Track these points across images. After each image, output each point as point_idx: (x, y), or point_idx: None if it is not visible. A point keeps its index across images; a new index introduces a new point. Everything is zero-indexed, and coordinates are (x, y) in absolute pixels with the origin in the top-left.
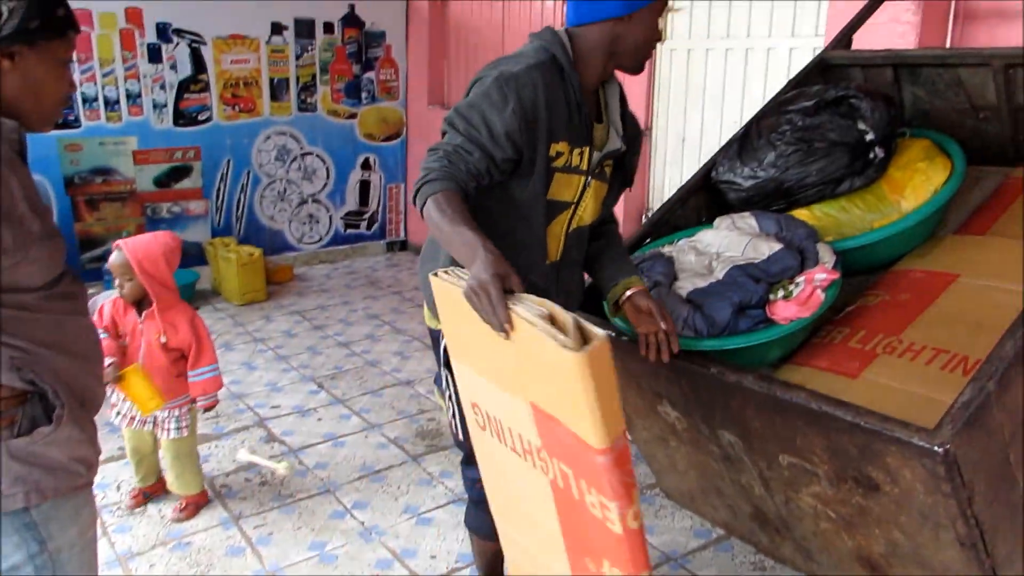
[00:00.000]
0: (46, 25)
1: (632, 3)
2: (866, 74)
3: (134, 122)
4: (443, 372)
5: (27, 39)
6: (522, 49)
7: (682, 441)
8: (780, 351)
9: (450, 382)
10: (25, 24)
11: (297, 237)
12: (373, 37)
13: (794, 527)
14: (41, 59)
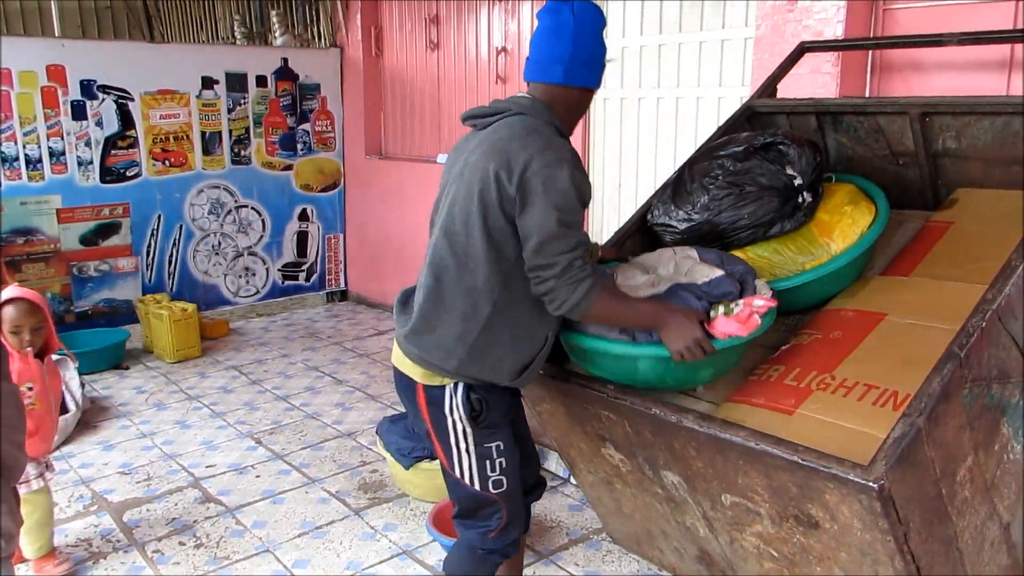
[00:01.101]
0: None
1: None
2: (791, 121)
3: (57, 180)
4: (464, 427)
5: None
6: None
7: (627, 483)
8: (712, 370)
9: (468, 435)
10: None
11: (233, 291)
12: (308, 89)
13: (739, 568)
14: None
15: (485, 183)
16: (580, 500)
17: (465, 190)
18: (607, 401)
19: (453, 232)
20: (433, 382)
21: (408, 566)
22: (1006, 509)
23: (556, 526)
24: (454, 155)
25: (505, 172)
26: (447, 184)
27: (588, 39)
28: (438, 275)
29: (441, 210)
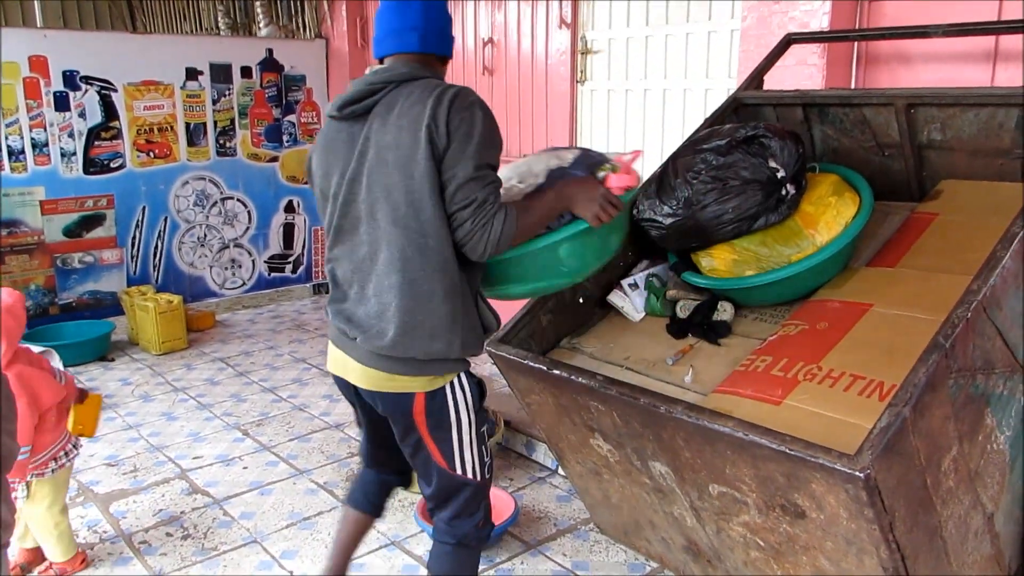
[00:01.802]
0: None
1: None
2: (778, 113)
3: (41, 172)
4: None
5: None
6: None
7: (615, 474)
8: (621, 235)
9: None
10: None
11: (219, 283)
12: (293, 80)
13: (726, 557)
14: None
15: (416, 152)
16: (568, 491)
17: (398, 172)
18: (596, 392)
19: (403, 218)
20: (435, 386)
21: (396, 556)
22: (990, 499)
23: (544, 516)
24: (335, 149)
25: (433, 127)
26: (355, 179)
27: (434, 10)
28: (404, 268)
29: (372, 207)
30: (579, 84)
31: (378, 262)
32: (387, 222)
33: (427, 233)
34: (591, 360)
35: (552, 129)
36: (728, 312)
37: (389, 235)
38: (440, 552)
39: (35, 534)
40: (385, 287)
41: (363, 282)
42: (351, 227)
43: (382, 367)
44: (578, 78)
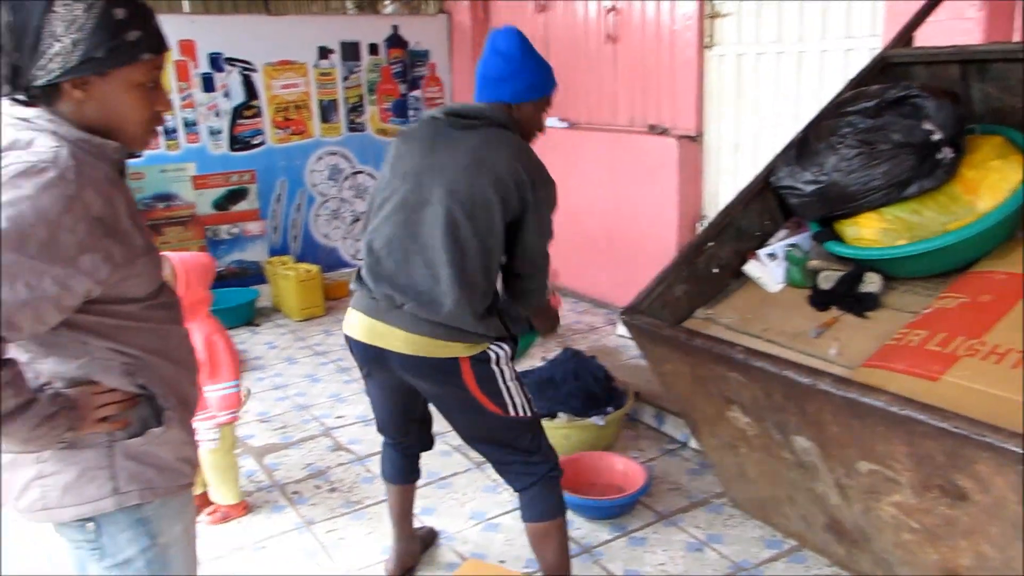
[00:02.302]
0: (114, 53)
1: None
2: (930, 72)
3: (192, 149)
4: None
5: (95, 69)
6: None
7: (753, 448)
8: None
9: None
10: (90, 54)
11: (351, 254)
12: (417, 56)
13: (873, 539)
14: (115, 86)
15: (502, 186)
16: (700, 464)
17: (487, 184)
18: (735, 362)
19: (472, 219)
20: (477, 350)
21: None
22: None
23: (676, 489)
24: (433, 144)
25: (526, 179)
26: (443, 167)
27: (527, 68)
28: (460, 257)
29: (447, 191)
30: (706, 49)
31: (436, 243)
32: (462, 209)
33: (491, 245)
34: (727, 331)
35: (677, 98)
36: (876, 284)
37: (460, 223)
38: (531, 496)
39: (212, 478)
40: (440, 264)
41: (415, 256)
42: (417, 203)
43: (428, 332)
44: (705, 43)
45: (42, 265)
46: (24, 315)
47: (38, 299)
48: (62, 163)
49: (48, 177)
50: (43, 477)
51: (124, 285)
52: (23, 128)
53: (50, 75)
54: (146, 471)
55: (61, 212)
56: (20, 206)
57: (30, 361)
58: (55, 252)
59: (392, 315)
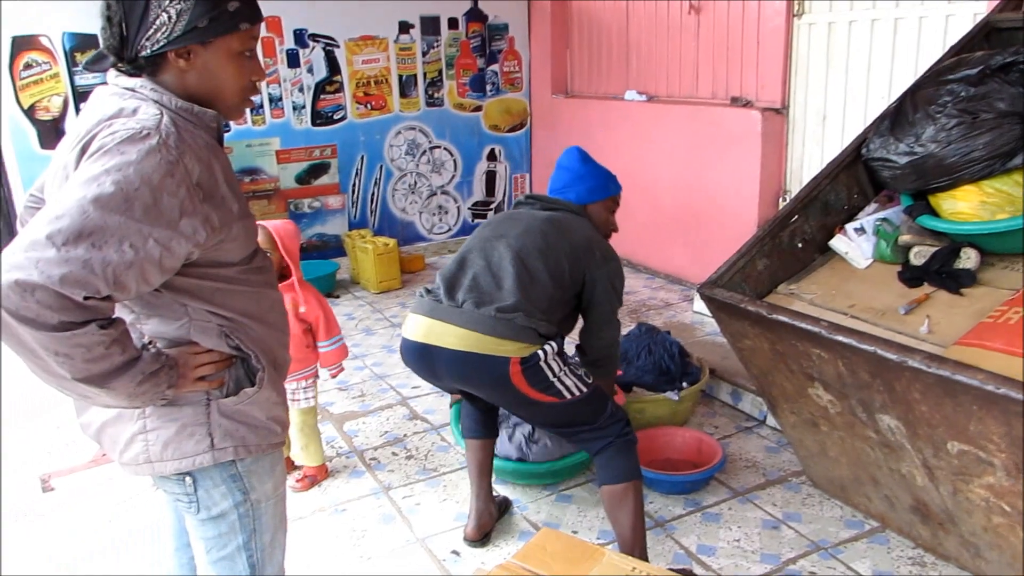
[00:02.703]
0: (216, 22)
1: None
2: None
3: (276, 124)
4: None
5: (198, 38)
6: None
7: (835, 426)
8: None
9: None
10: (194, 24)
11: (427, 228)
12: (496, 30)
13: (961, 521)
14: (216, 55)
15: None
16: (777, 442)
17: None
18: (819, 338)
19: (545, 256)
20: (527, 352)
21: None
22: None
23: (752, 466)
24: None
25: (586, 252)
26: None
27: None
28: (529, 268)
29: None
30: (795, 18)
31: (511, 257)
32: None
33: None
34: (810, 307)
35: (762, 69)
36: (972, 259)
37: (531, 252)
38: (605, 459)
39: (299, 439)
40: (506, 275)
41: (482, 270)
42: (495, 237)
43: (483, 329)
44: (795, 11)
45: (147, 227)
46: (130, 275)
47: (143, 260)
48: (164, 130)
49: (151, 143)
50: (146, 432)
51: (221, 249)
52: (128, 97)
53: (156, 45)
54: (240, 429)
55: (164, 176)
56: (126, 171)
57: (134, 322)
58: (158, 215)
59: (451, 313)
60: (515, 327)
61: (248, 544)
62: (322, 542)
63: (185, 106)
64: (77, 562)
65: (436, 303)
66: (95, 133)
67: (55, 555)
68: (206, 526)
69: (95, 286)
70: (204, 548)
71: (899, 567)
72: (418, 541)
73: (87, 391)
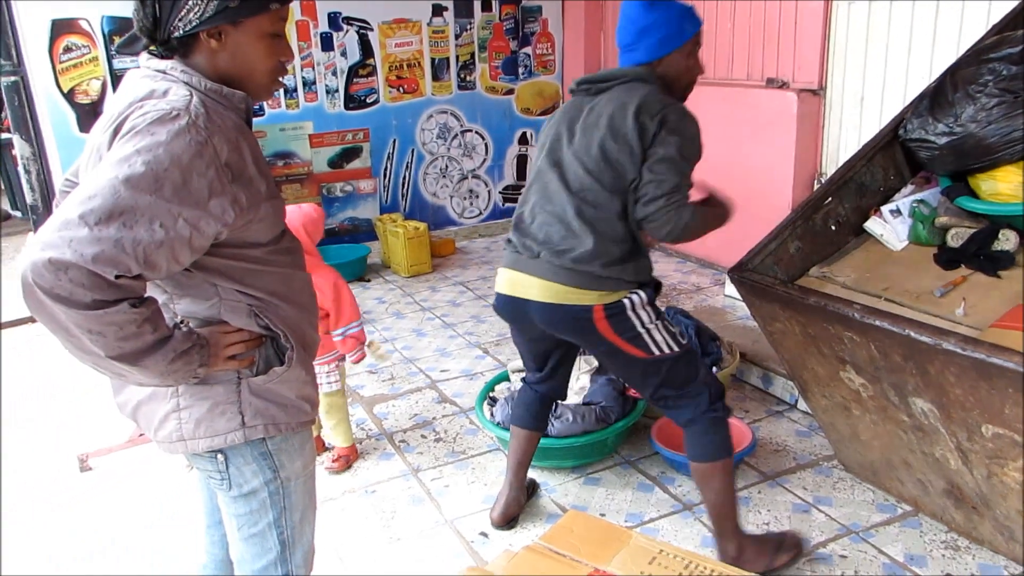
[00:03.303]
0: (246, 2)
1: None
2: None
3: (310, 108)
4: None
5: (229, 18)
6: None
7: (867, 410)
8: None
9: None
10: (225, 4)
11: (458, 212)
12: (529, 12)
13: (995, 505)
14: (246, 35)
15: (627, 128)
16: (808, 426)
17: (610, 136)
18: (852, 321)
19: (601, 171)
20: (611, 299)
21: (630, 474)
22: None
23: (782, 450)
24: (566, 114)
25: (647, 115)
26: (571, 129)
27: (656, 26)
28: (588, 200)
29: (572, 152)
30: None
31: (568, 194)
32: (585, 167)
33: (624, 186)
34: (844, 290)
35: (800, 50)
36: (1012, 241)
37: (584, 178)
38: (694, 434)
39: (329, 420)
40: (570, 217)
41: (549, 211)
42: (550, 167)
43: (563, 280)
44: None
45: (176, 207)
46: (161, 254)
47: (173, 239)
48: (194, 111)
49: (181, 124)
50: (179, 410)
51: (249, 229)
52: (159, 79)
53: (188, 26)
54: (270, 407)
55: (193, 157)
56: (156, 151)
57: (166, 301)
58: (187, 195)
59: (531, 264)
60: (595, 277)
61: (278, 521)
62: (352, 523)
63: (215, 87)
64: (112, 544)
65: (516, 255)
66: (127, 115)
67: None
68: (237, 503)
69: (126, 265)
70: (236, 525)
71: (932, 551)
72: (447, 523)
73: (121, 369)
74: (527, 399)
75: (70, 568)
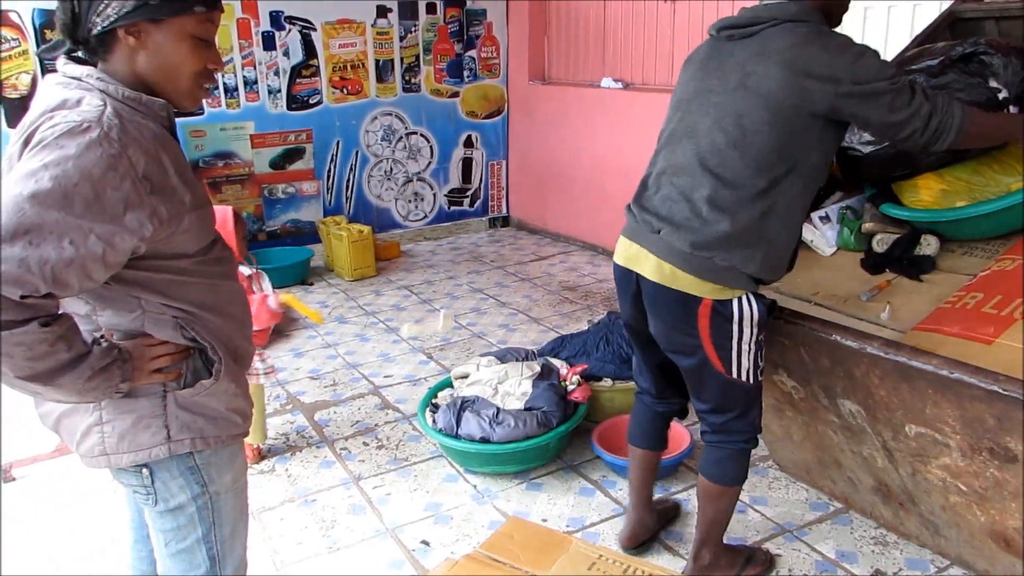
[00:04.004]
0: (168, 1)
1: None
2: (1000, 28)
3: (251, 108)
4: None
5: (149, 15)
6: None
7: (799, 411)
8: None
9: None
10: (145, 0)
11: (403, 215)
12: (474, 15)
13: (920, 501)
14: (168, 35)
15: (783, 91)
16: None
17: (756, 98)
18: (782, 327)
19: (746, 138)
20: (724, 296)
21: (572, 478)
22: None
23: None
24: (705, 66)
25: (814, 78)
26: (710, 91)
27: None
28: (729, 182)
29: (716, 120)
30: None
31: (697, 169)
32: (726, 141)
33: (769, 160)
34: (776, 295)
35: None
36: (933, 246)
37: (722, 152)
38: (718, 457)
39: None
40: (701, 193)
41: (675, 183)
42: (684, 133)
43: (678, 263)
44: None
45: (88, 223)
46: (71, 273)
47: (84, 256)
48: (107, 122)
49: (92, 136)
50: (101, 424)
51: (173, 241)
52: (73, 87)
53: (107, 21)
54: (197, 420)
55: (106, 170)
56: (65, 165)
57: (89, 313)
58: (100, 210)
59: (648, 239)
60: (714, 267)
61: (207, 536)
62: (290, 532)
63: (133, 95)
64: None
65: (636, 225)
66: (37, 125)
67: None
68: (164, 518)
69: (33, 284)
70: (163, 541)
71: (862, 547)
72: (388, 531)
73: (34, 389)
74: (642, 414)
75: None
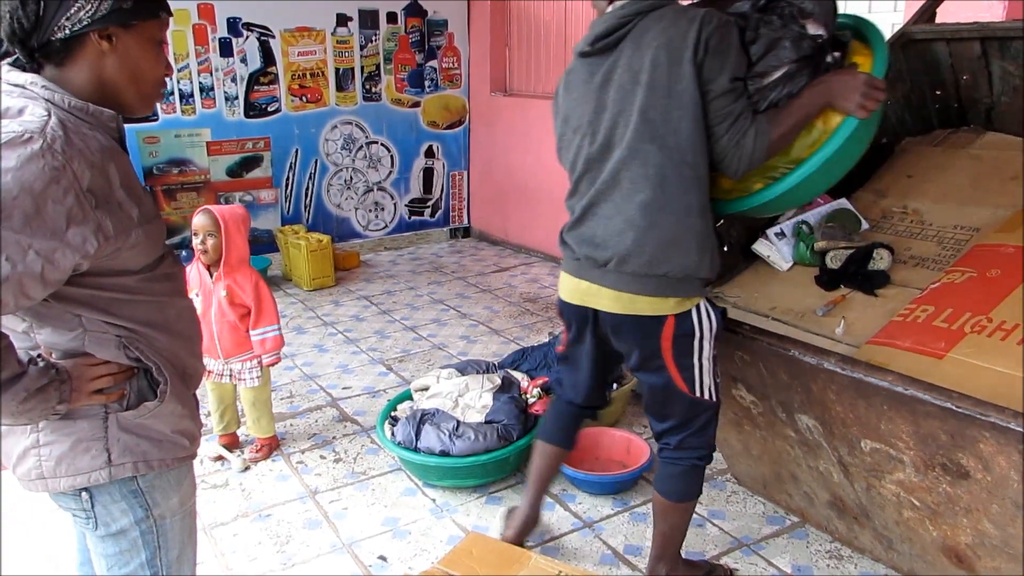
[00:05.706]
0: (140, 6)
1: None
2: (951, 48)
3: (207, 114)
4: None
5: (122, 20)
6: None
7: (757, 426)
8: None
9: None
10: (119, 4)
11: (363, 224)
12: (436, 26)
13: (874, 515)
14: (137, 40)
15: (677, 70)
16: None
17: (653, 92)
18: (741, 342)
19: (660, 136)
20: (684, 308)
21: None
22: None
23: None
24: (583, 85)
25: (696, 43)
26: (603, 107)
27: None
28: (659, 184)
29: (622, 130)
30: None
31: (623, 182)
32: (640, 141)
33: (685, 150)
34: (734, 310)
35: None
36: (885, 260)
37: (643, 154)
38: (672, 472)
39: (251, 413)
40: (634, 204)
41: (605, 204)
42: (598, 155)
43: (635, 289)
44: None
45: (27, 239)
46: (7, 290)
47: (21, 274)
48: (50, 133)
49: (34, 148)
50: (39, 447)
51: (118, 257)
52: (16, 95)
53: (78, 25)
54: (141, 443)
55: (48, 183)
56: (3, 178)
57: (26, 330)
58: (40, 225)
59: (595, 274)
60: (669, 282)
61: (152, 561)
62: (244, 548)
63: (79, 105)
64: None
65: (579, 261)
66: None
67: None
68: (106, 543)
69: None
70: (105, 566)
71: (817, 561)
72: (344, 546)
73: None
74: (563, 412)
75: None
